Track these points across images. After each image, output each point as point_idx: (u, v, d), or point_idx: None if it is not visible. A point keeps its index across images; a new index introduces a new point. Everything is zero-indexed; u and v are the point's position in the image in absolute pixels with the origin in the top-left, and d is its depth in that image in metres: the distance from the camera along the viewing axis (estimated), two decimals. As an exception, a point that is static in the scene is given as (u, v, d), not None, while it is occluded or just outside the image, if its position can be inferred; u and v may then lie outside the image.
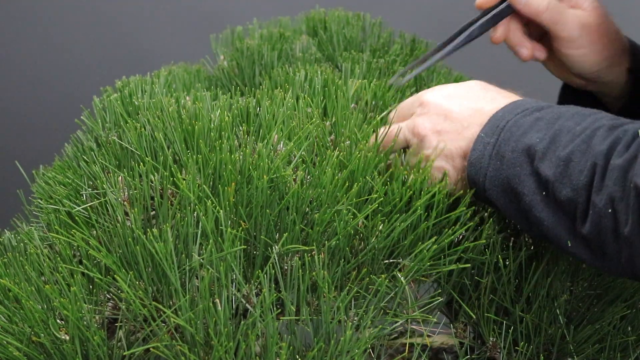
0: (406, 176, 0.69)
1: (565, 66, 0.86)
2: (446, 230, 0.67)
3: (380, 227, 0.65)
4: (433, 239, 0.65)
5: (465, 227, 0.68)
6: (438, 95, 0.72)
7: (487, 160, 0.66)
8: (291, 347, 0.58)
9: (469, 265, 0.69)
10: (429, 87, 0.93)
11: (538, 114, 0.66)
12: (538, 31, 0.87)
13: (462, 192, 0.69)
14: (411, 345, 0.69)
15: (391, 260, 0.67)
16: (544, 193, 0.62)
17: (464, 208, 0.68)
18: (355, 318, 0.62)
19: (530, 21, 0.84)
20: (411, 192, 0.67)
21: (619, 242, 0.58)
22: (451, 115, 0.70)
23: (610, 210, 0.58)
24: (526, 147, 0.63)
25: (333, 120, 0.77)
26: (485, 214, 0.71)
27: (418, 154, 0.71)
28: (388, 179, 0.68)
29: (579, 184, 0.60)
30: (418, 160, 0.70)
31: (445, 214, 0.68)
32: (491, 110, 0.68)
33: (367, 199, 0.66)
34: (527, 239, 0.74)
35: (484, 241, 0.69)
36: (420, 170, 0.69)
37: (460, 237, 0.69)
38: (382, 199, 0.66)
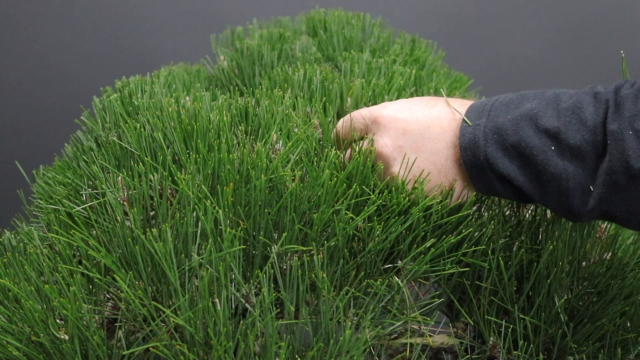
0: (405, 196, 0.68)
1: None
2: (445, 236, 0.67)
3: (378, 230, 0.65)
4: (432, 240, 0.65)
5: (466, 232, 0.68)
6: (391, 110, 0.70)
7: (483, 138, 0.65)
8: (290, 347, 0.58)
9: (468, 269, 0.69)
10: (428, 87, 0.93)
11: (519, 93, 0.66)
12: None
13: (467, 195, 0.68)
14: (411, 345, 0.69)
15: (388, 266, 0.67)
16: (552, 148, 0.62)
17: (466, 212, 0.67)
18: (355, 318, 0.62)
19: None
20: (409, 202, 0.67)
21: None
22: (409, 128, 0.68)
23: (631, 132, 0.58)
24: (525, 113, 0.63)
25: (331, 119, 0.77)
26: (485, 216, 0.71)
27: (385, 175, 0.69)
28: (385, 187, 0.68)
29: (594, 123, 0.60)
30: (388, 178, 0.68)
31: (446, 216, 0.68)
32: (448, 115, 0.68)
33: (366, 200, 0.66)
34: (526, 241, 0.74)
35: (484, 247, 0.69)
36: (418, 186, 0.67)
37: (461, 239, 0.69)
38: (380, 200, 0.66)
